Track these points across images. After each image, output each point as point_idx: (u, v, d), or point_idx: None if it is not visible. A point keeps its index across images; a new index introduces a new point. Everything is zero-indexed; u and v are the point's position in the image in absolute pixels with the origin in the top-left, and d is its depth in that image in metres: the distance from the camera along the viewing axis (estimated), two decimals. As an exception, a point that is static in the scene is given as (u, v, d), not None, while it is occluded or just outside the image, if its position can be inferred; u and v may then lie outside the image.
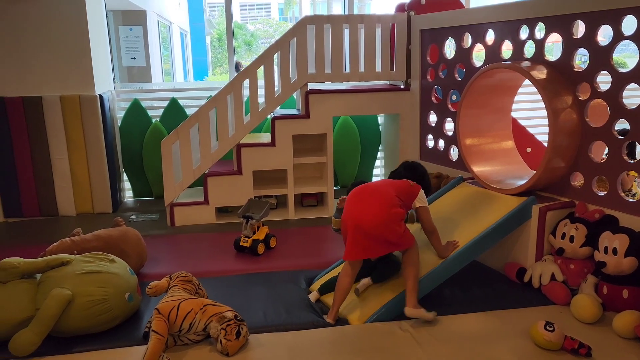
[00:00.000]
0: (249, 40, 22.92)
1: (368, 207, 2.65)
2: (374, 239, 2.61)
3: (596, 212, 2.87)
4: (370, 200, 2.68)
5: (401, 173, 3.02)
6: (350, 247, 2.66)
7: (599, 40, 2.90)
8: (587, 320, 2.59)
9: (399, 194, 2.73)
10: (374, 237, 2.61)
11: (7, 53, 4.45)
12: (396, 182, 2.85)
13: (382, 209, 2.63)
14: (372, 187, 2.81)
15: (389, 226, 2.61)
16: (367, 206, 2.66)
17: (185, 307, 2.42)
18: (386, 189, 2.76)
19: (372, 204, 2.66)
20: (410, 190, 2.80)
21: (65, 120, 4.56)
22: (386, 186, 2.80)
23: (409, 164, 3.11)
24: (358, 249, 2.64)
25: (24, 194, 4.64)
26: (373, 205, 2.65)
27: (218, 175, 4.42)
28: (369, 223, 2.60)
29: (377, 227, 2.60)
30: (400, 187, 2.79)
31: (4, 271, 2.51)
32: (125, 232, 3.32)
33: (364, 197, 2.72)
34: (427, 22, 4.24)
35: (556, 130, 2.96)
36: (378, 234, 2.60)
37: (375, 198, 2.69)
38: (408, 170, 3.04)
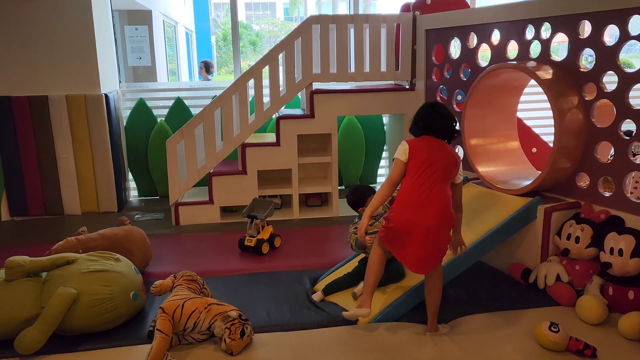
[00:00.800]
0: (254, 40, 22.93)
1: (431, 209, 2.41)
2: (436, 246, 2.44)
3: (602, 213, 2.86)
4: (433, 201, 2.42)
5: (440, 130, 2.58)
6: (419, 258, 2.44)
7: (605, 40, 2.89)
8: (593, 322, 2.58)
9: (448, 178, 2.48)
10: (436, 244, 2.44)
11: (14, 53, 4.48)
12: (447, 164, 2.49)
13: (443, 212, 2.43)
14: (429, 182, 2.45)
15: (447, 231, 2.48)
16: (429, 209, 2.41)
17: (189, 306, 2.43)
18: (440, 181, 2.45)
19: (434, 206, 2.42)
20: (457, 168, 2.52)
21: (71, 120, 4.58)
22: (439, 176, 2.46)
23: (442, 116, 2.60)
24: (427, 260, 2.45)
25: (29, 193, 4.66)
26: (436, 208, 2.42)
27: (223, 175, 4.43)
28: (434, 229, 2.41)
29: (440, 232, 2.44)
30: (450, 169, 2.49)
31: (10, 270, 2.52)
32: (130, 231, 3.33)
33: (424, 198, 2.43)
34: (432, 22, 4.23)
35: (562, 130, 2.95)
36: (439, 241, 2.44)
37: (436, 198, 2.43)
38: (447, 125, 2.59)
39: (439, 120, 2.57)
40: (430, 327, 2.55)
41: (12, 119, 4.51)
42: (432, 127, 2.57)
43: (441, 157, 2.50)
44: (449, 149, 2.55)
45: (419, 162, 2.48)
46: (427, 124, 2.58)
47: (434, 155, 2.49)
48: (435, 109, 2.62)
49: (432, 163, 2.47)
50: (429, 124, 2.58)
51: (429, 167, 2.46)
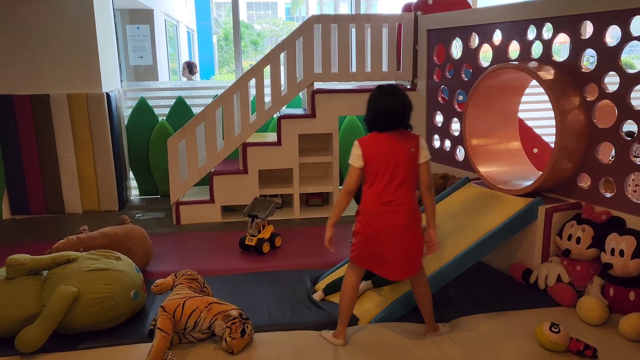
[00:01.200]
0: (255, 39, 22.93)
1: (397, 215, 2.33)
2: (408, 252, 2.38)
3: (603, 214, 2.86)
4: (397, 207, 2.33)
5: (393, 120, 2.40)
6: (366, 253, 2.39)
7: (607, 41, 2.89)
8: (593, 322, 2.58)
9: (410, 171, 2.35)
10: (408, 251, 2.37)
11: (16, 51, 4.48)
12: (404, 159, 2.34)
13: (409, 216, 2.35)
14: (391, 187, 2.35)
15: (418, 235, 2.41)
16: (395, 215, 2.34)
17: (190, 305, 2.43)
18: (401, 182, 2.33)
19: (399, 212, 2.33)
20: (416, 155, 2.36)
21: (72, 118, 4.59)
22: (400, 176, 2.34)
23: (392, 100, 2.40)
24: (375, 258, 2.38)
25: (30, 191, 4.66)
26: (401, 213, 2.33)
27: (224, 174, 4.43)
28: (403, 235, 2.34)
29: (410, 237, 2.36)
30: (409, 161, 2.35)
31: (11, 268, 2.53)
32: (131, 230, 3.33)
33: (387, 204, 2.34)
34: (434, 22, 4.23)
35: (563, 131, 2.94)
36: (411, 246, 2.37)
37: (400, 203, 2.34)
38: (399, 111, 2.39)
39: (385, 111, 2.38)
40: (429, 328, 2.55)
41: (13, 118, 4.52)
42: (380, 120, 2.39)
43: (397, 154, 2.34)
44: (404, 142, 2.36)
45: (375, 165, 2.36)
46: (372, 118, 2.42)
47: (389, 153, 2.34)
48: (380, 100, 2.41)
49: (389, 162, 2.33)
50: (375, 117, 2.40)
51: (387, 168, 2.34)
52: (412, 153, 2.35)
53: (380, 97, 2.42)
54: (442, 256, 2.87)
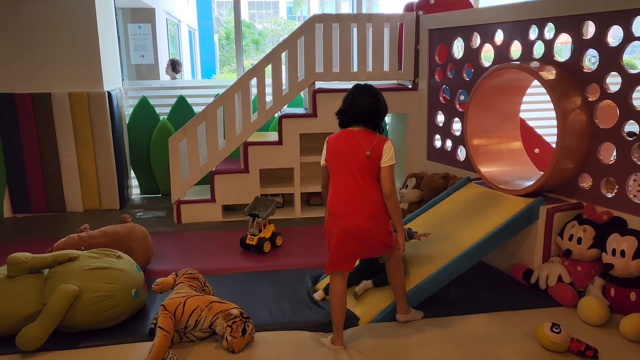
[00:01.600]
0: (257, 39, 22.93)
1: (357, 215, 2.32)
2: (368, 243, 2.37)
3: (604, 214, 2.85)
4: (356, 206, 2.33)
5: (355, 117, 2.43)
6: (340, 257, 2.38)
7: (609, 41, 2.89)
8: (594, 323, 2.58)
9: (369, 173, 2.34)
10: (367, 242, 2.37)
11: (17, 50, 4.48)
12: (359, 161, 2.35)
13: (370, 216, 2.33)
14: (349, 185, 2.36)
15: (381, 232, 2.38)
16: (355, 215, 2.33)
17: (191, 304, 2.43)
18: (360, 180, 2.34)
19: (359, 211, 2.33)
20: (374, 159, 2.35)
21: (73, 117, 4.59)
22: (358, 175, 2.34)
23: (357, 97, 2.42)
24: (350, 257, 2.41)
25: (32, 190, 4.67)
26: (361, 213, 2.32)
27: (225, 173, 4.43)
28: (364, 234, 2.33)
29: (371, 230, 2.34)
30: (367, 165, 2.35)
31: (12, 266, 2.53)
32: (132, 229, 3.34)
33: (346, 204, 2.36)
34: (435, 22, 4.23)
35: (565, 131, 2.94)
36: (372, 238, 2.36)
37: (359, 202, 2.33)
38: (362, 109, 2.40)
39: (349, 108, 2.41)
40: (399, 309, 2.59)
41: (15, 116, 4.52)
42: (345, 116, 2.43)
43: (354, 155, 2.35)
44: (361, 145, 2.36)
45: (335, 162, 2.41)
46: (340, 113, 2.46)
47: (347, 154, 2.37)
48: (348, 96, 2.45)
49: (347, 163, 2.36)
50: (341, 113, 2.45)
51: (345, 168, 2.36)
52: (367, 157, 2.34)
53: (351, 95, 2.45)
54: (443, 256, 2.87)
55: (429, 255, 2.91)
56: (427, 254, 2.92)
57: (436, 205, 3.46)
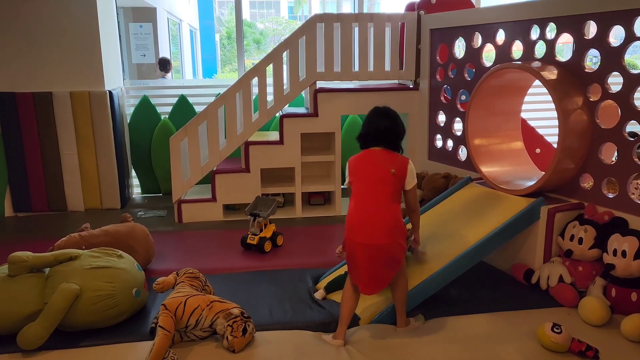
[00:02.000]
0: (258, 38, 22.94)
1: (375, 230, 2.37)
2: (386, 265, 2.41)
3: (605, 214, 2.85)
4: (375, 221, 2.37)
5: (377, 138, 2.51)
6: (367, 278, 2.41)
7: (610, 41, 2.88)
8: (595, 323, 2.58)
9: (392, 191, 2.41)
10: (380, 257, 2.39)
11: (19, 49, 4.49)
12: (383, 179, 2.42)
13: (389, 231, 2.37)
14: (370, 201, 2.42)
15: (395, 249, 2.41)
16: (373, 230, 2.37)
17: (192, 303, 2.43)
18: (381, 198, 2.40)
19: (378, 226, 2.37)
20: (399, 179, 2.43)
21: (74, 116, 4.60)
22: (379, 193, 2.41)
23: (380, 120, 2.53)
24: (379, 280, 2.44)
25: (33, 189, 4.67)
26: (380, 228, 2.36)
27: (226, 173, 4.43)
28: (379, 250, 2.36)
29: (386, 246, 2.37)
30: (390, 182, 2.41)
31: (13, 265, 2.53)
32: (133, 228, 3.34)
33: (365, 218, 2.39)
34: (437, 22, 4.23)
35: (566, 131, 2.94)
36: (385, 253, 2.39)
37: (378, 218, 2.38)
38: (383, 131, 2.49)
39: (370, 130, 2.51)
40: (399, 322, 2.58)
41: (16, 115, 4.52)
42: (366, 138, 2.53)
43: (377, 172, 2.43)
44: (385, 163, 2.44)
45: (357, 180, 2.47)
46: (361, 135, 2.56)
47: (370, 171, 2.45)
48: (370, 119, 2.55)
49: (369, 180, 2.44)
50: (363, 134, 2.55)
51: (367, 185, 2.44)
52: (392, 175, 2.41)
53: (370, 118, 2.56)
54: (444, 256, 2.87)
55: (430, 255, 2.91)
56: (428, 253, 2.92)
57: (437, 205, 3.46)
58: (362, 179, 2.47)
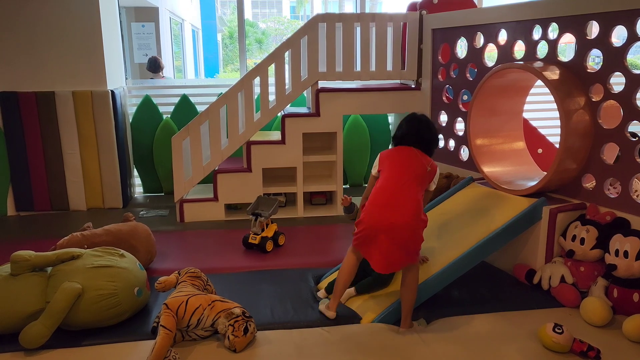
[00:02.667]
0: (260, 38, 22.93)
1: (399, 210, 2.45)
2: (403, 247, 2.46)
3: (607, 215, 2.85)
4: (400, 202, 2.47)
5: (416, 139, 2.69)
6: (383, 257, 2.47)
7: (613, 41, 2.88)
8: (597, 323, 2.57)
9: (420, 184, 2.57)
10: (402, 246, 2.45)
11: (21, 49, 4.50)
12: (418, 170, 2.58)
13: (412, 213, 2.46)
14: (399, 185, 2.54)
15: (417, 232, 2.49)
16: (397, 209, 2.46)
17: (193, 302, 2.44)
18: (410, 184, 2.53)
19: (402, 206, 2.46)
20: (429, 174, 2.62)
21: (77, 116, 4.60)
22: (410, 180, 2.54)
23: (421, 125, 2.73)
24: (391, 259, 2.48)
25: (35, 188, 4.68)
26: (404, 208, 2.45)
27: (228, 172, 4.43)
28: (401, 229, 2.43)
29: (408, 233, 2.44)
30: (422, 175, 2.58)
31: (16, 264, 2.54)
32: (135, 227, 3.34)
33: (392, 198, 2.50)
34: (439, 22, 4.22)
35: (568, 131, 2.94)
36: (406, 242, 2.45)
37: (404, 199, 2.48)
38: (423, 134, 2.70)
39: (412, 131, 2.70)
40: (403, 324, 2.59)
41: (18, 115, 4.53)
42: (406, 137, 2.71)
43: (412, 164, 2.61)
44: (421, 158, 2.64)
45: (389, 167, 2.64)
46: (401, 134, 2.74)
47: (405, 162, 2.63)
48: (411, 121, 2.75)
49: (402, 168, 2.60)
50: (403, 134, 2.73)
51: (399, 171, 2.59)
52: (427, 171, 2.61)
53: (415, 125, 2.73)
54: (446, 256, 2.88)
55: (431, 256, 2.91)
56: (430, 254, 2.92)
57: (439, 205, 3.46)
58: (397, 167, 2.62)
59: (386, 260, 2.48)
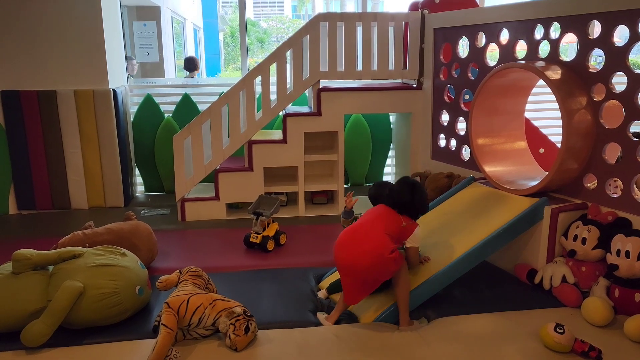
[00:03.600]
0: (261, 37, 22.95)
1: (361, 252, 2.51)
2: (367, 282, 2.57)
3: (609, 215, 2.84)
4: (363, 246, 2.52)
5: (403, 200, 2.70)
6: (348, 292, 2.60)
7: (615, 41, 2.87)
8: (598, 323, 2.57)
9: (390, 233, 2.57)
10: (367, 281, 2.56)
11: (23, 47, 4.50)
12: (388, 221, 2.62)
13: (376, 256, 2.49)
14: (365, 229, 2.61)
15: (383, 270, 2.54)
16: (360, 252, 2.52)
17: (194, 301, 2.44)
18: (377, 231, 2.57)
19: (364, 250, 2.51)
20: (403, 230, 2.63)
21: (78, 115, 4.61)
22: (377, 227, 2.59)
23: (410, 187, 2.74)
24: (357, 293, 2.60)
25: (37, 187, 4.69)
26: (366, 251, 2.50)
27: (229, 172, 4.43)
28: (363, 269, 2.51)
29: (370, 272, 2.52)
30: (392, 228, 2.60)
31: (17, 262, 2.54)
32: (137, 226, 3.35)
33: (356, 238, 2.58)
34: (440, 21, 4.22)
35: (570, 131, 2.93)
36: (372, 278, 2.56)
37: (368, 242, 2.53)
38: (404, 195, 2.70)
39: (391, 193, 2.72)
40: (402, 321, 2.60)
41: (20, 113, 4.54)
42: (389, 197, 2.73)
43: (383, 214, 2.65)
44: (396, 215, 2.65)
45: (362, 217, 2.74)
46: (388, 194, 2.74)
47: (375, 211, 2.71)
48: (401, 186, 2.75)
49: (371, 216, 2.68)
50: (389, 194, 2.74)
51: (367, 218, 2.68)
52: (402, 226, 2.62)
53: (397, 186, 2.76)
54: (447, 255, 2.87)
55: (432, 255, 2.91)
56: (431, 254, 2.92)
57: (440, 205, 3.46)
58: (367, 215, 2.71)
59: (350, 294, 2.59)
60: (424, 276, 2.77)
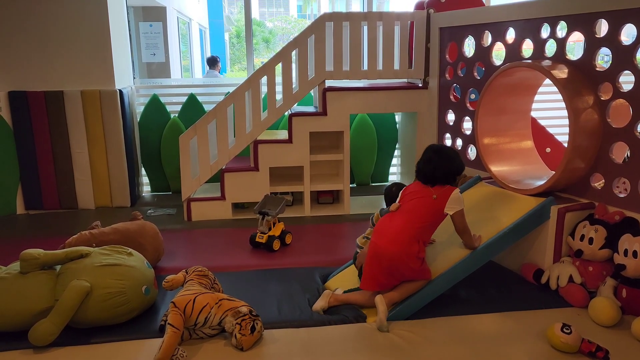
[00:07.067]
0: (267, 37, 22.96)
1: (391, 235, 2.63)
2: (391, 274, 2.63)
3: (616, 214, 2.83)
4: (392, 231, 2.65)
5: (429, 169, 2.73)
6: (367, 277, 2.70)
7: (622, 39, 2.86)
8: (605, 324, 2.56)
9: (423, 215, 2.66)
10: (391, 272, 2.63)
11: (30, 48, 4.53)
12: (419, 203, 2.69)
13: (402, 242, 2.60)
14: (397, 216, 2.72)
15: (404, 261, 2.60)
16: (390, 234, 2.64)
17: (201, 301, 2.44)
18: (413, 215, 2.66)
19: (395, 233, 2.63)
20: (435, 204, 2.66)
21: (85, 115, 4.63)
22: (408, 213, 2.69)
23: (435, 153, 2.78)
24: (375, 281, 2.68)
25: (44, 187, 4.72)
26: (396, 235, 2.62)
27: (235, 171, 4.44)
28: (387, 254, 2.60)
29: (392, 259, 2.60)
30: (424, 208, 2.67)
31: (25, 262, 2.56)
32: (143, 226, 3.36)
33: (392, 222, 2.70)
34: (446, 20, 4.21)
35: (577, 130, 2.92)
36: (396, 268, 2.62)
37: (399, 226, 2.65)
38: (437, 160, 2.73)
39: (425, 166, 2.75)
40: (389, 296, 2.64)
41: (28, 114, 4.57)
42: (419, 172, 2.80)
43: (415, 197, 2.72)
44: (426, 190, 2.71)
45: (402, 202, 2.79)
46: (417, 169, 2.82)
47: (407, 196, 2.76)
48: (427, 153, 2.82)
49: (404, 202, 2.75)
50: (418, 169, 2.81)
51: (405, 205, 2.74)
52: (433, 199, 2.68)
53: (423, 156, 2.83)
54: (453, 255, 2.86)
55: (439, 255, 2.90)
56: (437, 253, 2.91)
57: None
58: (404, 199, 2.78)
59: (368, 280, 2.69)
60: (431, 276, 2.76)
